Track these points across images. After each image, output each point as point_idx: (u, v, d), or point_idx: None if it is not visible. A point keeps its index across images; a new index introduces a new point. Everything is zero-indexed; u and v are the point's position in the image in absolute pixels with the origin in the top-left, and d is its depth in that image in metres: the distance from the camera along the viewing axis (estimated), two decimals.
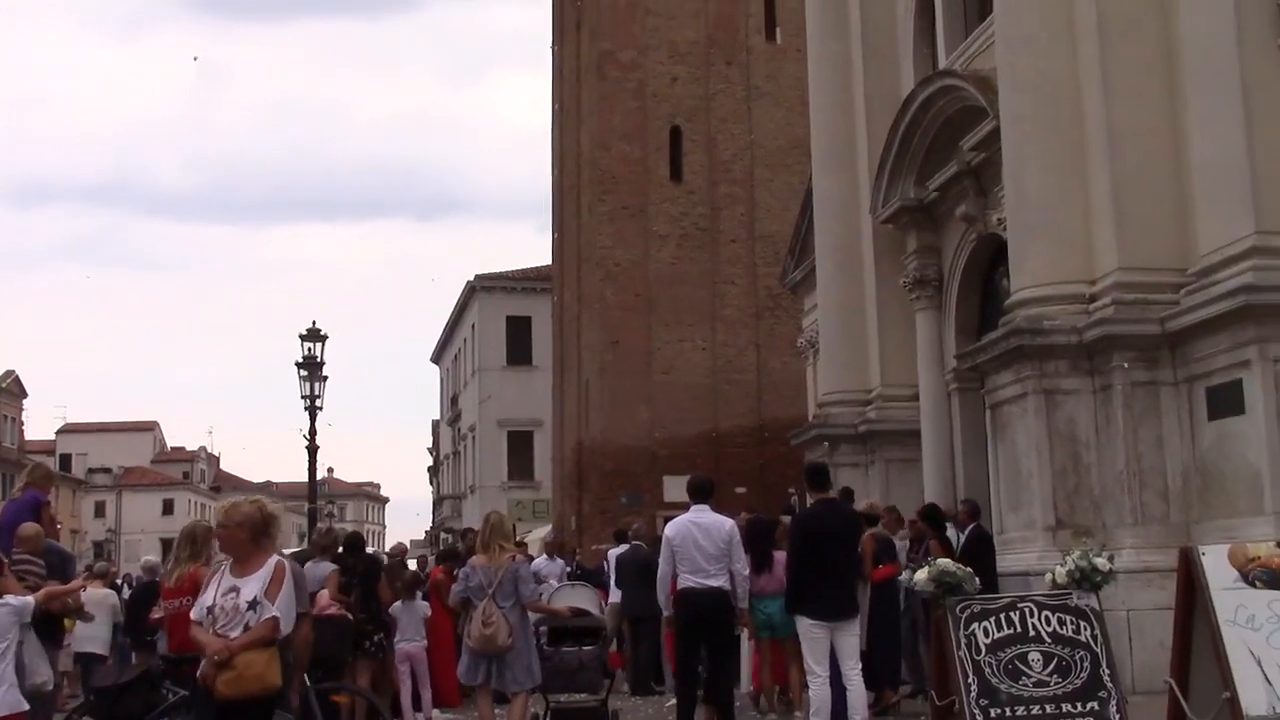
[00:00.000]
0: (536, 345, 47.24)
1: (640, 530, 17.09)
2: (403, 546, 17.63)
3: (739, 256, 34.54)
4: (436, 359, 63.64)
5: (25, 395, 78.20)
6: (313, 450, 24.18)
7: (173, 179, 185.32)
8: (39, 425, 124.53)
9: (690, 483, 10.25)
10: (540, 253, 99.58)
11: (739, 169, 34.68)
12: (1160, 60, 12.23)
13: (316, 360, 23.94)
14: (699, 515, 9.77)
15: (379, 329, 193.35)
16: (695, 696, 10.00)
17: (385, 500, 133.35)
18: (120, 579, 25.30)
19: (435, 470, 65.77)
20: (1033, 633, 7.53)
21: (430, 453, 67.31)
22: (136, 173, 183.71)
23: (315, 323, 24.20)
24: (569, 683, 10.62)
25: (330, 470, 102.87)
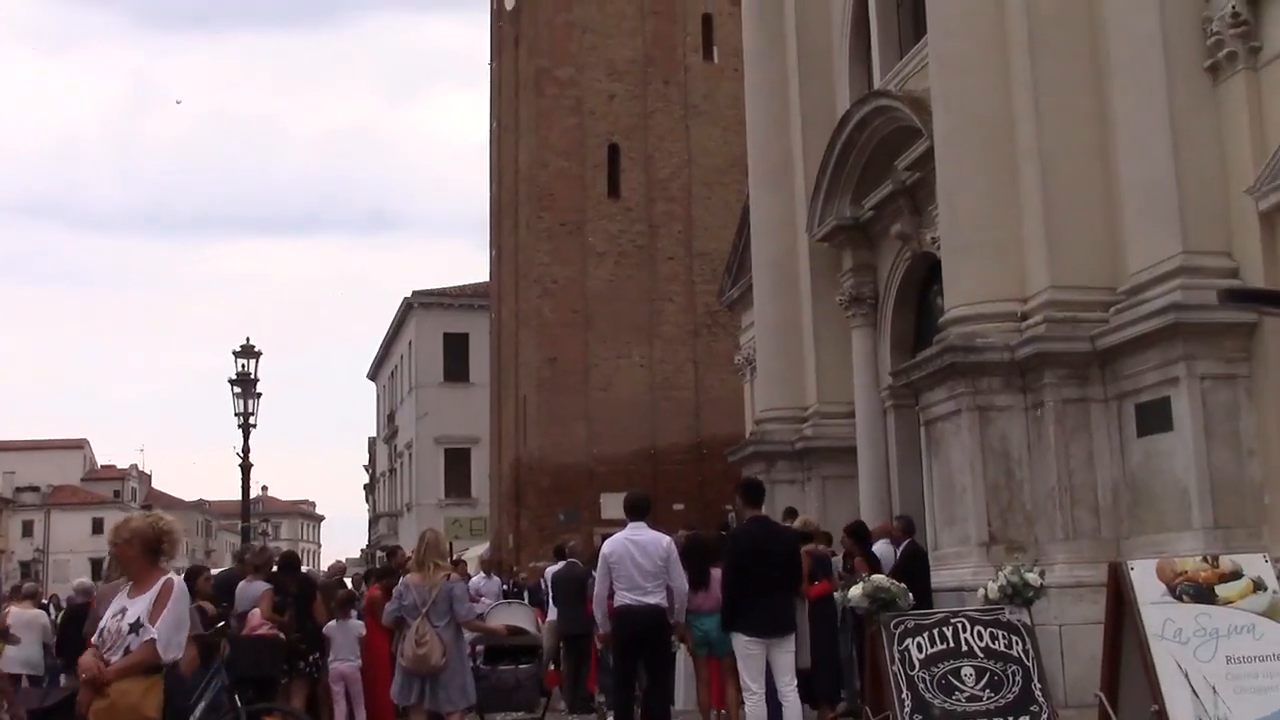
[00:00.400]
0: (474, 362, 47.03)
1: (576, 548, 17.03)
2: (341, 565, 17.47)
3: (677, 274, 34.65)
4: (373, 376, 63.15)
5: None
6: (246, 468, 23.91)
7: (106, 194, 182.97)
8: None
9: (627, 500, 10.23)
10: (478, 269, 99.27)
11: (676, 187, 34.81)
12: (1090, 82, 12.42)
13: (250, 377, 23.69)
14: (636, 533, 9.75)
15: (315, 346, 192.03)
16: (633, 714, 9.97)
17: (321, 518, 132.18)
18: (47, 599, 24.80)
19: (371, 488, 65.22)
20: (965, 648, 7.60)
21: (366, 470, 66.75)
22: (69, 188, 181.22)
23: (249, 339, 23.99)
24: (506, 701, 10.59)
25: (265, 488, 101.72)
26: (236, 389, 23.63)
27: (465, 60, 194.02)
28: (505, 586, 18.10)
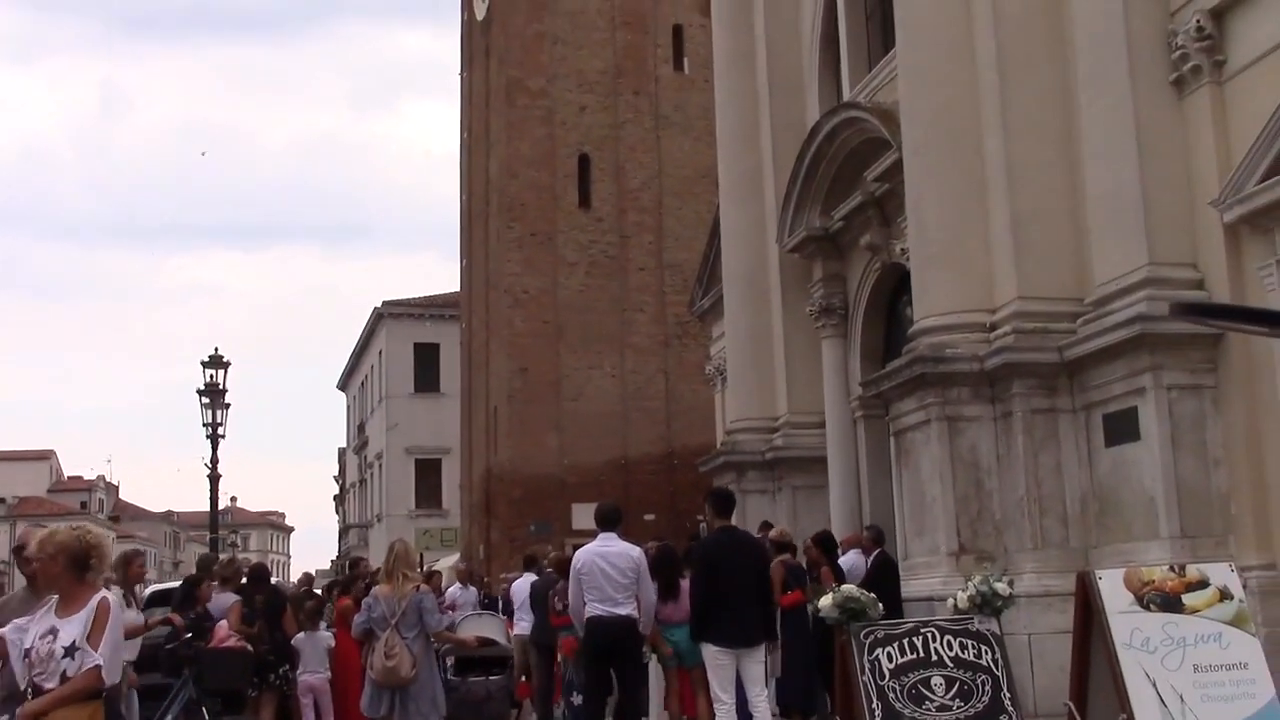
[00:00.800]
0: (444, 372, 46.91)
1: (560, 558, 16.99)
2: (309, 576, 17.39)
3: (647, 284, 34.67)
4: (343, 386, 62.90)
5: None
6: (214, 479, 23.80)
7: (75, 203, 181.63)
8: None
9: (598, 511, 10.23)
10: (449, 280, 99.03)
11: (647, 197, 34.85)
12: (1057, 95, 12.50)
13: (219, 387, 23.59)
14: (606, 544, 9.75)
15: (284, 356, 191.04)
16: None
17: (290, 529, 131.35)
18: None
19: (341, 499, 64.93)
20: (935, 657, 7.61)
21: (336, 481, 66.45)
22: (36, 197, 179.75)
23: (217, 349, 23.87)
24: (476, 713, 10.55)
25: (234, 499, 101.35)
26: (205, 399, 23.53)
27: (436, 70, 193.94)
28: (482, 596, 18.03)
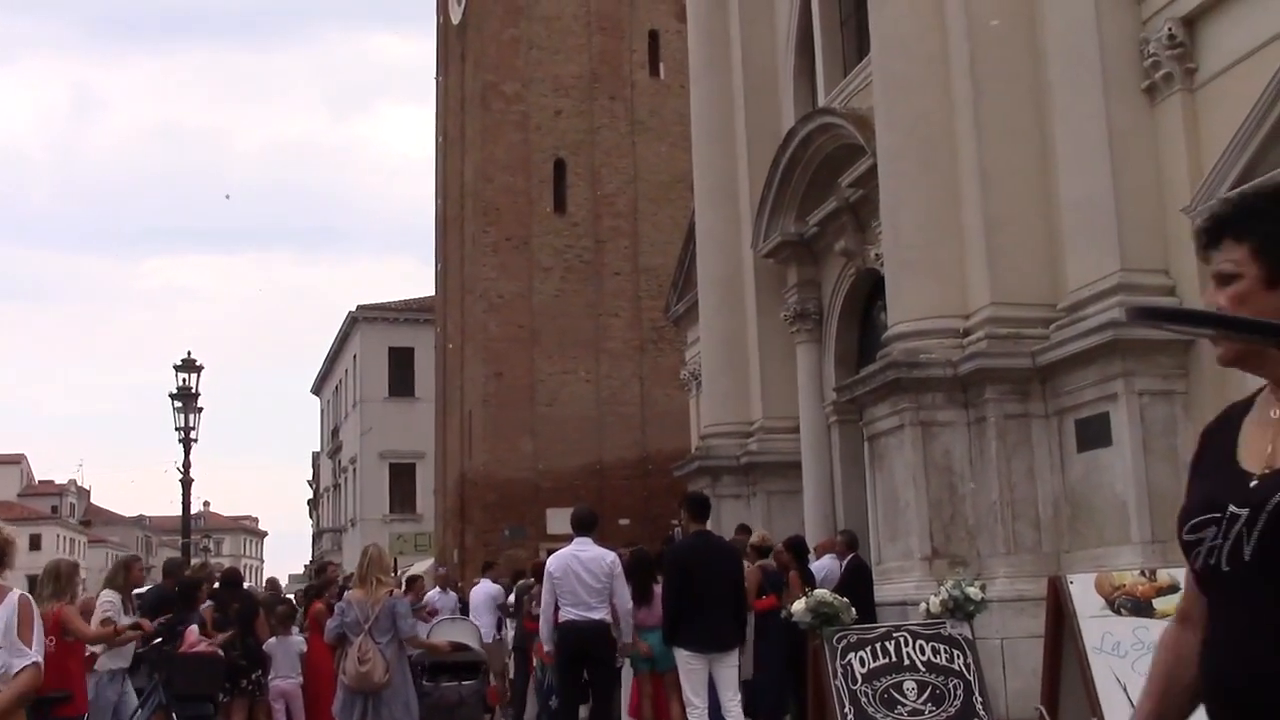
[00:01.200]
0: (419, 376, 46.77)
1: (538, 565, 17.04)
2: (274, 582, 17.32)
3: (623, 289, 34.65)
4: (317, 390, 62.64)
5: None
6: (187, 483, 23.67)
7: (47, 206, 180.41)
8: None
9: (574, 516, 10.22)
10: (424, 284, 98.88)
11: (623, 202, 34.84)
12: (1030, 102, 12.55)
13: (191, 391, 23.48)
14: (581, 548, 9.74)
15: (258, 360, 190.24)
16: None
17: (264, 534, 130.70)
18: None
19: (315, 503, 64.65)
20: (907, 662, 7.63)
21: (310, 485, 66.16)
22: (8, 199, 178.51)
23: (190, 353, 23.77)
24: (449, 718, 10.49)
25: (206, 504, 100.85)
26: (177, 403, 23.41)
27: (411, 75, 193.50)
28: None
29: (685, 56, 22.88)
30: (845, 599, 8.13)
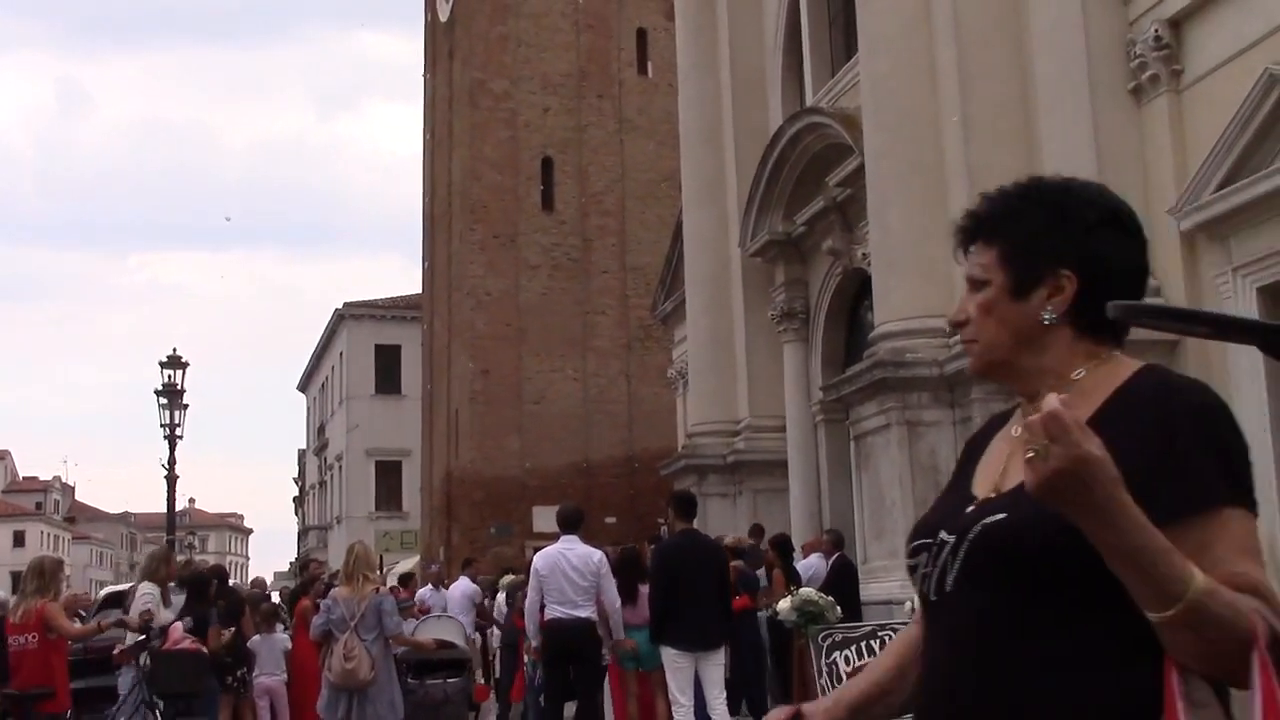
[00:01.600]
0: (405, 374, 46.69)
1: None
2: (261, 581, 17.29)
3: (610, 287, 34.63)
4: (303, 387, 62.48)
5: None
6: (172, 480, 23.60)
7: (31, 203, 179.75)
8: None
9: (560, 513, 10.22)
10: (411, 281, 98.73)
11: (610, 200, 34.82)
12: (1016, 101, 12.57)
13: (177, 388, 23.41)
14: (568, 546, 9.73)
15: (244, 357, 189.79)
16: None
17: (249, 531, 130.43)
18: None
19: (301, 501, 64.51)
20: None
21: (296, 483, 66.01)
22: None
23: (176, 349, 23.70)
24: (434, 716, 10.47)
25: (192, 500, 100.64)
26: (163, 400, 23.34)
27: (399, 73, 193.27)
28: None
29: (673, 55, 22.90)
30: (831, 598, 8.14)
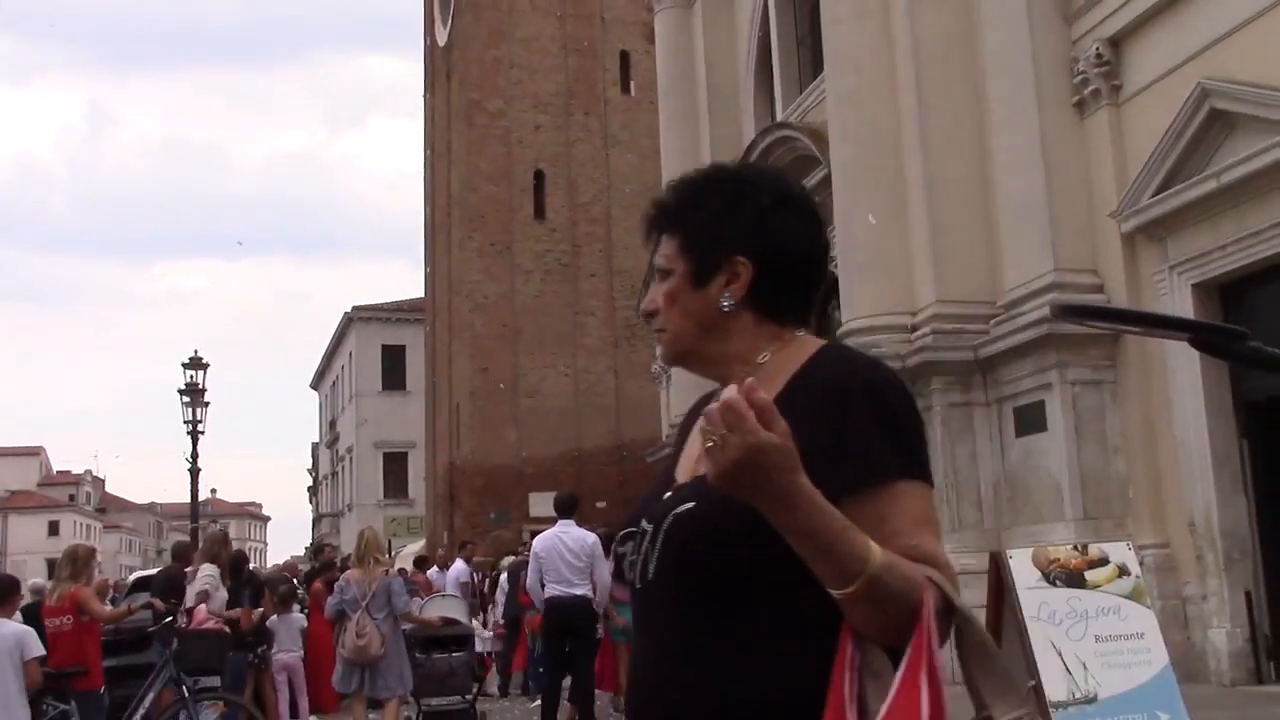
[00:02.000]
0: (410, 372, 46.63)
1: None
2: (291, 564, 17.25)
3: (598, 289, 34.62)
4: (316, 385, 62.36)
5: None
6: (195, 472, 23.58)
7: (62, 216, 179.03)
8: None
9: (557, 499, 10.24)
10: (414, 286, 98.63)
11: (597, 209, 34.81)
12: (971, 116, 12.62)
13: (198, 387, 23.38)
14: (564, 529, 9.75)
15: (261, 358, 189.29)
16: (560, 696, 9.95)
17: (267, 519, 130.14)
18: None
19: (315, 490, 64.39)
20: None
21: (310, 473, 65.88)
22: (27, 211, 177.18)
23: (197, 351, 23.66)
24: (440, 687, 10.49)
25: (213, 491, 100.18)
26: (186, 398, 23.30)
27: (401, 92, 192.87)
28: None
29: (654, 75, 22.91)
30: None
